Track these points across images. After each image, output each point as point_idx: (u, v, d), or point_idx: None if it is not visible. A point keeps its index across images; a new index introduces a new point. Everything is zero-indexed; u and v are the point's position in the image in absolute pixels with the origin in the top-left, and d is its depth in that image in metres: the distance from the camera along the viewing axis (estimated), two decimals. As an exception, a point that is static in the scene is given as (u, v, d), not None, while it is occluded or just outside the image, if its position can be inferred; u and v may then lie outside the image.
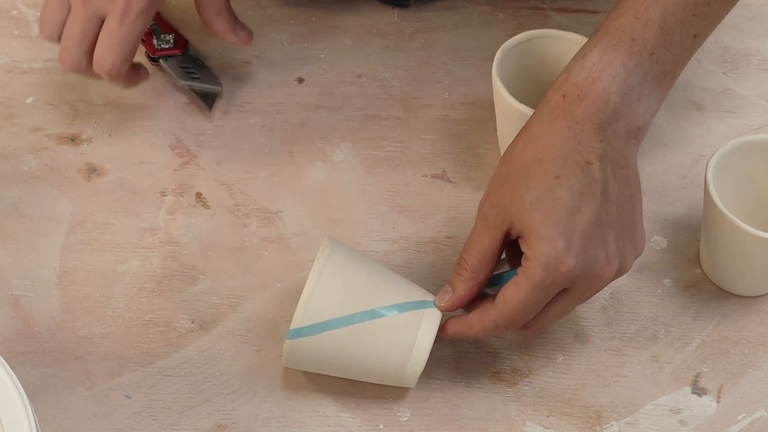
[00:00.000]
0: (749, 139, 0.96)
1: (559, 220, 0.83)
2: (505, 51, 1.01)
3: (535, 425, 0.90)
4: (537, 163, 0.85)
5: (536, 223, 0.83)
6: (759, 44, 1.14)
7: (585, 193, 0.84)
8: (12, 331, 0.94)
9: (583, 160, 0.85)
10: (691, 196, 1.03)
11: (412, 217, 1.02)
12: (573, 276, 0.84)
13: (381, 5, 1.16)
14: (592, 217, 0.84)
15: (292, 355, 0.88)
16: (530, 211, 0.84)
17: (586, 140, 0.85)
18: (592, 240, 0.84)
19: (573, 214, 0.83)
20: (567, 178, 0.84)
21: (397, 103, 1.09)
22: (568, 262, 0.83)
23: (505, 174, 0.86)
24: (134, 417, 0.90)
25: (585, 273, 0.84)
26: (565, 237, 0.83)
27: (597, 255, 0.84)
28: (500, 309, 0.85)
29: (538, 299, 0.84)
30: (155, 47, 1.09)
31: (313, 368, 0.89)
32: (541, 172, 0.84)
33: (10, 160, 1.04)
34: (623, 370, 0.93)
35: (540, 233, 0.83)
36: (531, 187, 0.84)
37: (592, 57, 0.87)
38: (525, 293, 0.84)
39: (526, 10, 1.16)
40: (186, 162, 1.05)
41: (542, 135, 0.86)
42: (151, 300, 0.96)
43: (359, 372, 0.88)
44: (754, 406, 0.92)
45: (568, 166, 0.84)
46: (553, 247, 0.83)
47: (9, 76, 1.10)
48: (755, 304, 0.97)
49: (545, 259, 0.83)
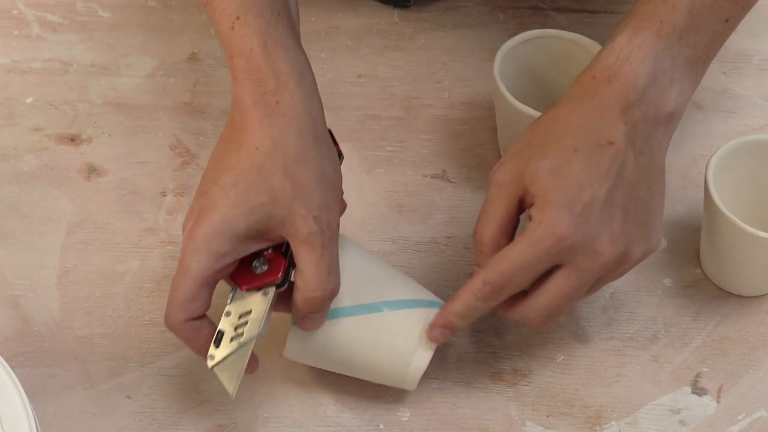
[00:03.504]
0: (749, 139, 0.96)
1: (567, 189, 0.83)
2: (505, 51, 1.01)
3: (535, 425, 0.90)
4: (558, 137, 0.85)
5: (547, 190, 0.83)
6: (759, 44, 1.14)
7: (600, 170, 0.84)
8: (12, 331, 0.94)
9: (605, 139, 0.84)
10: (691, 196, 1.03)
11: (412, 217, 1.02)
12: (570, 247, 0.82)
13: (381, 5, 1.16)
14: (603, 193, 0.83)
15: (295, 345, 0.87)
16: (544, 178, 0.83)
17: (610, 120, 0.85)
18: (598, 216, 0.83)
19: (583, 187, 0.83)
20: (584, 153, 0.84)
21: (397, 103, 1.09)
22: (568, 230, 0.82)
23: (525, 144, 0.86)
24: (134, 417, 0.90)
25: (584, 247, 0.83)
26: (571, 207, 0.82)
27: (600, 231, 0.83)
28: (490, 265, 0.84)
29: (530, 262, 0.83)
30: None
31: (314, 360, 0.89)
32: (561, 144, 0.84)
33: (10, 160, 1.04)
34: (623, 370, 0.93)
35: (548, 200, 0.83)
36: (548, 156, 0.84)
37: (620, 40, 0.86)
38: (518, 252, 0.83)
39: (526, 10, 1.16)
40: (186, 162, 1.05)
41: (568, 112, 0.86)
42: (151, 300, 0.96)
43: (361, 367, 0.88)
44: (754, 406, 0.92)
45: (588, 143, 0.84)
46: (556, 213, 0.82)
47: (9, 76, 1.10)
48: (755, 304, 0.97)
49: (546, 223, 0.82)
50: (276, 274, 0.84)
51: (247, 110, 0.84)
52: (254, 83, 0.84)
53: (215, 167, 0.85)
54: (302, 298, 0.84)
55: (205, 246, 0.82)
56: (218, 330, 0.84)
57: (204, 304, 0.84)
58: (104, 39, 1.13)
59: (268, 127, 0.84)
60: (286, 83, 0.84)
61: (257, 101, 0.84)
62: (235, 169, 0.83)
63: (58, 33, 1.13)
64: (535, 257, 0.83)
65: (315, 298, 0.83)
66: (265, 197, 0.82)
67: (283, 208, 0.82)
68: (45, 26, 1.14)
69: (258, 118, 0.84)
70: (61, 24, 1.14)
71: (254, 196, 0.82)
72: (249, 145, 0.83)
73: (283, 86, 0.84)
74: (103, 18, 1.15)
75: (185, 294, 0.83)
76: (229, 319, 0.84)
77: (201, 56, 1.12)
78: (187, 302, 0.83)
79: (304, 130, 0.84)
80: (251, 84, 0.84)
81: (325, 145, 0.86)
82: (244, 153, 0.84)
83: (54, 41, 1.13)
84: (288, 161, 0.83)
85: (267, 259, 0.84)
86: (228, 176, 0.83)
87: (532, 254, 0.83)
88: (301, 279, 0.84)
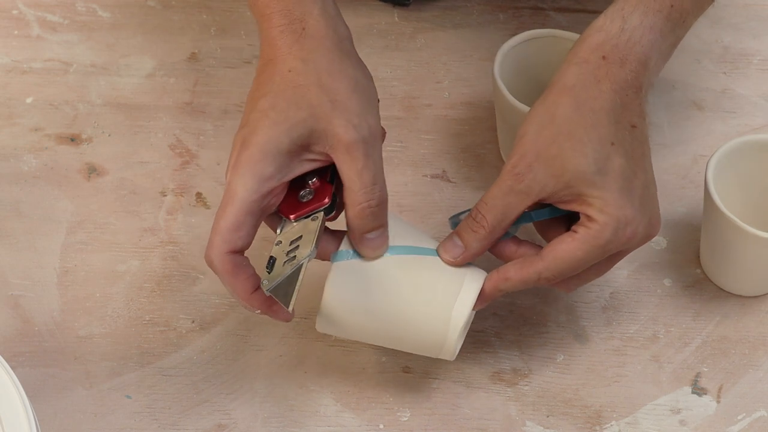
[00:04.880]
0: (749, 139, 0.96)
1: (624, 187, 0.84)
2: (505, 51, 1.01)
3: (535, 425, 0.90)
4: (590, 129, 0.84)
5: (603, 192, 0.83)
6: (759, 44, 1.14)
7: (636, 157, 0.85)
8: (12, 331, 0.94)
9: (629, 123, 0.85)
10: (691, 196, 1.03)
11: (412, 217, 1.02)
12: (633, 238, 0.84)
13: (381, 5, 1.16)
14: (644, 176, 0.85)
15: (336, 286, 0.84)
16: (593, 181, 0.83)
17: (629, 104, 0.85)
18: (647, 201, 0.85)
19: (631, 179, 0.84)
20: (620, 143, 0.84)
21: (397, 103, 1.09)
22: (634, 227, 0.84)
23: (550, 136, 0.85)
24: (134, 417, 0.90)
25: (643, 234, 0.85)
26: (631, 203, 0.84)
27: (651, 215, 0.86)
28: (549, 262, 0.84)
29: (593, 260, 0.85)
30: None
31: (352, 307, 0.85)
32: (597, 139, 0.84)
33: (10, 160, 1.04)
34: (623, 370, 0.93)
35: (607, 200, 0.83)
36: (589, 156, 0.84)
37: (632, 20, 0.87)
38: (584, 253, 0.84)
39: (526, 10, 1.16)
40: (186, 162, 1.05)
41: (589, 99, 0.85)
42: (151, 300, 0.96)
43: (400, 315, 0.85)
44: (754, 406, 0.92)
45: (619, 132, 0.85)
46: (622, 213, 0.83)
47: (9, 76, 1.10)
48: (755, 304, 0.97)
49: (615, 224, 0.83)
50: (323, 199, 0.84)
51: (276, 40, 0.85)
52: (279, 15, 0.86)
53: (252, 98, 0.86)
54: (354, 214, 0.84)
55: (250, 169, 0.82)
56: (270, 257, 0.83)
57: (248, 234, 0.83)
58: (104, 39, 1.13)
59: (299, 50, 0.85)
60: (310, 10, 0.86)
61: (284, 30, 0.85)
62: (271, 92, 0.84)
63: (58, 33, 1.13)
64: (603, 255, 0.85)
65: (365, 210, 0.83)
66: (305, 112, 0.83)
67: (323, 120, 0.83)
68: (45, 26, 1.14)
69: (287, 44, 0.85)
70: (61, 24, 1.14)
71: (294, 112, 0.83)
72: (282, 70, 0.84)
73: (308, 12, 0.86)
74: (103, 18, 1.15)
75: (230, 221, 0.82)
76: (280, 247, 0.83)
77: (201, 56, 1.12)
78: (231, 231, 0.82)
79: (332, 47, 0.85)
80: (277, 16, 0.86)
81: (354, 58, 0.87)
82: (277, 78, 0.84)
83: (54, 41, 1.13)
84: (322, 75, 0.84)
85: (313, 188, 0.85)
86: (265, 100, 0.84)
87: (600, 254, 0.84)
88: (348, 194, 0.84)
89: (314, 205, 0.84)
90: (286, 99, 0.83)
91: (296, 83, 0.84)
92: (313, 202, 0.84)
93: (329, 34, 0.86)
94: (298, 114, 0.83)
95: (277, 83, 0.84)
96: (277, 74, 0.84)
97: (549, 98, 0.86)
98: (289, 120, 0.83)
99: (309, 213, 0.84)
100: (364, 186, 0.83)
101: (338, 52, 0.85)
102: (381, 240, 0.85)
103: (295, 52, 0.85)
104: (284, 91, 0.84)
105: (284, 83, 0.84)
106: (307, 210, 0.84)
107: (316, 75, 0.84)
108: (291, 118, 0.83)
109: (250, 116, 0.84)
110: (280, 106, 0.83)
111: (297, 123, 0.83)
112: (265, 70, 0.85)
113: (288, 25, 0.85)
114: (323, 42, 0.85)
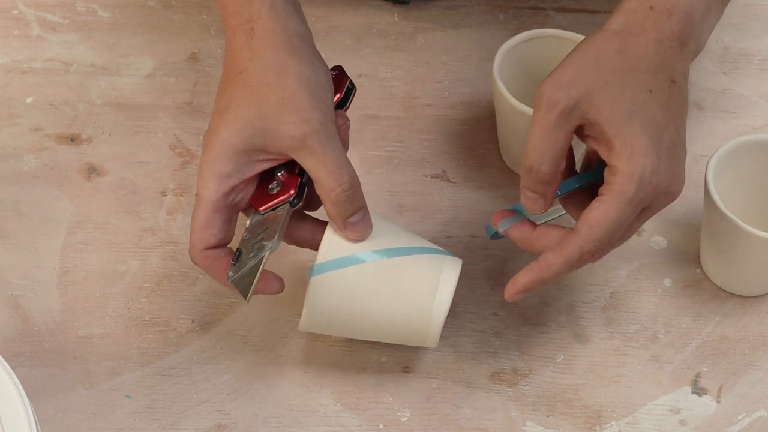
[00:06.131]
0: (749, 139, 0.96)
1: (653, 135, 0.83)
2: (505, 51, 1.01)
3: (535, 425, 0.90)
4: (630, 73, 0.84)
5: (632, 134, 0.82)
6: (759, 44, 1.14)
7: (671, 110, 0.84)
8: (12, 331, 0.94)
9: (669, 77, 0.85)
10: (691, 196, 1.03)
11: (412, 217, 1.02)
12: (659, 192, 0.83)
13: (381, 4, 1.16)
14: (676, 134, 0.84)
15: (315, 297, 0.86)
16: (626, 122, 0.83)
17: (671, 57, 0.85)
18: (674, 157, 0.84)
19: (662, 130, 0.83)
20: (658, 93, 0.84)
21: (397, 103, 1.09)
22: (660, 177, 0.83)
23: (589, 69, 0.84)
24: (134, 417, 0.90)
25: (667, 190, 0.84)
26: (657, 153, 0.83)
27: (677, 173, 0.84)
28: (586, 233, 0.83)
29: (628, 217, 0.83)
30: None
31: (333, 317, 0.88)
32: (636, 84, 0.84)
33: (10, 160, 1.04)
34: (623, 370, 0.93)
35: (635, 146, 0.82)
36: (627, 96, 0.83)
37: None
38: (616, 211, 0.82)
39: (526, 10, 1.16)
40: (186, 162, 1.05)
41: (634, 45, 0.85)
42: (151, 300, 0.96)
43: (382, 317, 0.87)
44: (754, 406, 0.92)
45: (658, 82, 0.84)
46: (648, 161, 0.82)
47: (9, 76, 1.10)
48: (755, 304, 0.97)
49: (639, 173, 0.82)
50: (288, 191, 0.87)
51: (230, 42, 0.89)
52: (232, 16, 0.89)
53: (216, 102, 0.89)
54: (329, 202, 0.85)
55: (209, 170, 0.86)
56: (236, 249, 0.86)
57: (219, 231, 0.87)
58: (104, 39, 1.13)
59: (248, 51, 0.88)
60: (258, 10, 0.88)
61: (236, 31, 0.88)
62: (225, 95, 0.87)
63: (58, 33, 1.13)
64: (633, 211, 0.83)
65: (339, 195, 0.85)
66: (254, 112, 0.85)
67: (271, 119, 0.85)
68: (45, 26, 1.14)
69: (239, 45, 0.88)
70: (61, 24, 1.14)
71: (243, 113, 0.86)
72: (235, 71, 0.88)
73: (256, 13, 0.88)
74: (103, 18, 1.15)
75: (199, 222, 0.86)
76: (247, 240, 0.87)
77: (201, 56, 1.12)
78: (203, 230, 0.86)
79: (279, 45, 0.87)
80: (231, 17, 0.89)
81: (303, 53, 0.88)
82: (232, 78, 0.88)
83: (54, 41, 1.13)
84: (268, 74, 0.86)
85: (281, 180, 0.87)
86: (221, 103, 0.87)
87: (632, 210, 0.83)
88: (319, 185, 0.86)
89: (281, 198, 0.87)
90: (236, 100, 0.86)
91: (246, 84, 0.86)
92: (280, 194, 0.87)
93: (277, 33, 0.88)
94: (248, 114, 0.85)
95: (232, 85, 0.87)
96: (232, 75, 0.88)
97: (594, 39, 0.86)
98: (239, 120, 0.85)
99: (276, 206, 0.87)
100: (330, 173, 0.85)
101: (285, 49, 0.87)
102: (364, 222, 0.87)
103: (245, 53, 0.87)
104: (236, 93, 0.87)
105: (237, 84, 0.87)
106: (274, 202, 0.87)
107: (263, 75, 0.86)
108: (241, 118, 0.85)
109: (212, 118, 0.88)
110: (232, 107, 0.86)
111: (247, 123, 0.85)
112: (226, 71, 0.89)
113: (239, 26, 0.88)
114: (271, 41, 0.87)
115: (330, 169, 0.85)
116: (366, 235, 0.87)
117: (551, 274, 0.85)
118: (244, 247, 0.86)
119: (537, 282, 0.85)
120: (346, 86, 0.91)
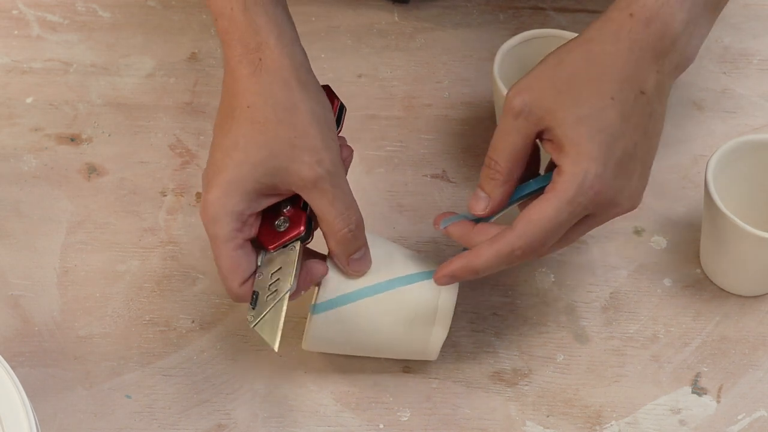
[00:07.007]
0: (749, 139, 0.96)
1: (603, 141, 0.82)
2: (505, 51, 1.01)
3: (535, 425, 0.90)
4: (593, 82, 0.83)
5: (581, 138, 0.82)
6: (759, 44, 1.14)
7: (632, 122, 0.83)
8: (12, 331, 0.94)
9: (638, 89, 0.84)
10: (691, 196, 1.03)
11: (412, 217, 1.02)
12: (602, 200, 0.83)
13: (381, 4, 1.16)
14: (631, 147, 0.83)
15: (317, 332, 0.87)
16: (577, 124, 0.82)
17: (643, 68, 0.84)
18: (624, 170, 0.83)
19: (617, 139, 0.83)
20: (621, 102, 0.83)
21: (397, 103, 1.09)
22: (603, 185, 0.82)
23: (552, 77, 0.84)
24: (134, 417, 0.90)
25: (610, 201, 0.83)
26: (604, 160, 0.82)
27: (624, 186, 0.84)
28: (521, 228, 0.83)
29: (565, 219, 0.83)
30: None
31: (336, 347, 0.89)
32: (596, 91, 0.83)
33: (10, 160, 1.04)
34: (623, 370, 0.93)
35: (582, 149, 0.82)
36: (582, 101, 0.83)
37: None
38: (554, 210, 0.82)
39: (526, 10, 1.16)
40: (186, 162, 1.05)
41: (603, 53, 0.84)
42: (151, 300, 0.96)
43: (384, 345, 0.89)
44: (754, 406, 0.92)
45: (623, 91, 0.83)
46: (592, 166, 0.82)
47: (9, 76, 1.10)
48: (755, 304, 0.97)
49: (582, 176, 0.82)
50: (298, 228, 0.86)
51: (235, 71, 0.86)
52: (237, 43, 0.86)
53: (217, 134, 0.87)
54: (334, 241, 0.85)
55: (221, 210, 0.84)
56: (253, 292, 0.85)
57: (246, 263, 0.86)
58: (104, 39, 1.13)
59: (256, 83, 0.85)
60: (266, 39, 0.86)
61: (242, 60, 0.86)
62: (233, 131, 0.85)
63: (58, 33, 1.13)
64: (572, 213, 0.83)
65: (344, 236, 0.85)
66: (265, 151, 0.84)
67: (284, 158, 0.84)
68: (45, 26, 1.14)
69: (245, 76, 0.86)
70: (61, 24, 1.14)
71: (254, 152, 0.84)
72: (241, 106, 0.85)
73: (264, 43, 0.86)
74: (103, 18, 1.15)
75: (227, 264, 0.85)
76: (261, 280, 0.85)
77: (201, 56, 1.12)
78: (232, 271, 0.85)
79: (289, 79, 0.85)
80: (235, 44, 0.86)
81: (312, 88, 0.87)
82: (237, 114, 0.85)
83: (54, 41, 1.13)
84: (278, 111, 0.85)
85: (288, 216, 0.86)
86: (227, 139, 0.85)
87: (569, 211, 0.82)
88: (324, 224, 0.85)
89: (291, 234, 0.86)
90: (245, 137, 0.85)
91: (255, 120, 0.85)
92: (290, 231, 0.86)
93: (285, 64, 0.86)
94: (259, 153, 0.84)
95: (238, 119, 0.85)
96: (237, 109, 0.85)
97: (565, 46, 0.86)
98: (250, 160, 0.84)
99: (286, 243, 0.86)
100: (339, 214, 0.85)
101: (295, 83, 0.85)
102: (365, 258, 0.87)
103: (252, 86, 0.85)
104: (244, 128, 0.85)
105: (244, 119, 0.85)
106: (284, 240, 0.86)
107: (273, 111, 0.84)
108: (252, 157, 0.84)
109: (215, 155, 0.86)
110: (240, 144, 0.85)
111: (258, 162, 0.84)
112: (228, 103, 0.87)
113: (245, 55, 0.86)
114: (280, 73, 0.85)
115: (339, 210, 0.85)
116: (366, 270, 0.87)
117: (481, 263, 0.85)
118: (260, 288, 0.85)
119: (467, 270, 0.85)
120: (338, 107, 0.90)
